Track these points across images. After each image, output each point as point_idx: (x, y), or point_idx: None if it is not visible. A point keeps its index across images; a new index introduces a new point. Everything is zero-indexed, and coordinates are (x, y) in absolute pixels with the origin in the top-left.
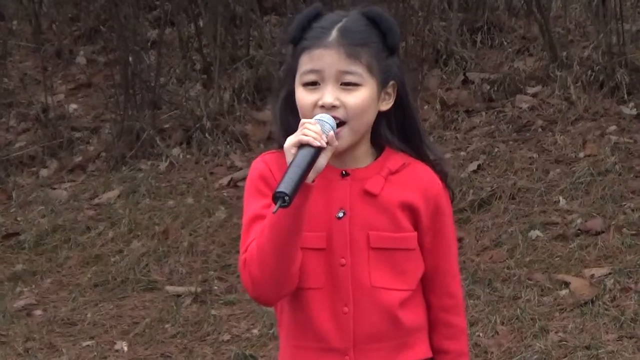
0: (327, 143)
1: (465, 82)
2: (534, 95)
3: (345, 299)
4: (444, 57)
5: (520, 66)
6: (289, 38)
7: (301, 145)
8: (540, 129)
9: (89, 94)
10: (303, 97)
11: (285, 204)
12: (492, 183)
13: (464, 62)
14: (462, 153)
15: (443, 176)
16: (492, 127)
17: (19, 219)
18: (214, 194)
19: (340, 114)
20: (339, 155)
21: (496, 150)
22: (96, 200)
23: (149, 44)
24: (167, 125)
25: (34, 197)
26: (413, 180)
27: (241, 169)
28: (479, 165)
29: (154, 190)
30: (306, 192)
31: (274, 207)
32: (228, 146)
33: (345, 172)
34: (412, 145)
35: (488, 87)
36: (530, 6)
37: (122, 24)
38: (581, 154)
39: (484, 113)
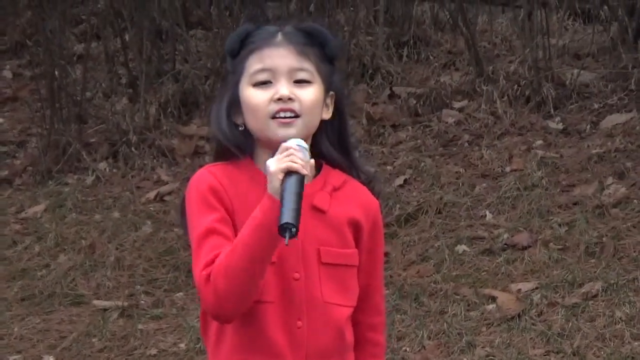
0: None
1: (392, 96)
2: (460, 110)
3: (299, 314)
4: (370, 71)
5: (447, 80)
6: (228, 50)
7: (289, 172)
8: (466, 144)
9: (15, 107)
10: (255, 95)
11: (294, 235)
12: (418, 197)
13: (390, 77)
14: (389, 167)
15: (377, 194)
16: (419, 141)
17: None
18: (140, 208)
19: (295, 106)
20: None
21: (422, 164)
22: (22, 215)
23: (75, 58)
24: (93, 140)
25: None
26: (354, 197)
27: (167, 183)
28: (405, 180)
29: (80, 204)
30: None
31: (285, 240)
32: (154, 160)
33: None
34: (347, 160)
35: (414, 102)
36: (456, 20)
37: (48, 38)
38: (507, 169)
39: (410, 127)
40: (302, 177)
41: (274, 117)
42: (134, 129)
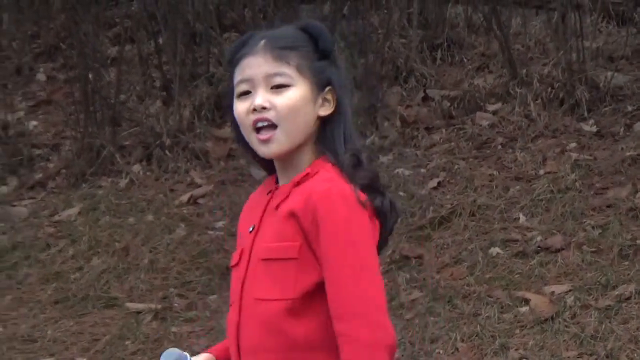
0: None
1: (425, 99)
2: (494, 113)
3: (239, 311)
4: (404, 74)
5: (480, 83)
6: (227, 63)
7: None
8: (500, 146)
9: (49, 111)
10: (237, 108)
11: None
12: (452, 200)
13: (424, 79)
14: (422, 170)
15: (348, 175)
16: (452, 144)
17: None
18: (174, 211)
19: (271, 115)
20: (282, 167)
21: (456, 167)
22: (56, 218)
23: (108, 61)
24: (127, 142)
25: None
26: (307, 189)
27: (201, 185)
28: (439, 182)
29: (114, 207)
30: None
31: None
32: (188, 163)
33: (272, 190)
34: (338, 152)
35: (448, 104)
36: (490, 23)
37: (82, 41)
38: (541, 171)
39: (444, 130)
40: None
41: (256, 131)
42: (168, 132)
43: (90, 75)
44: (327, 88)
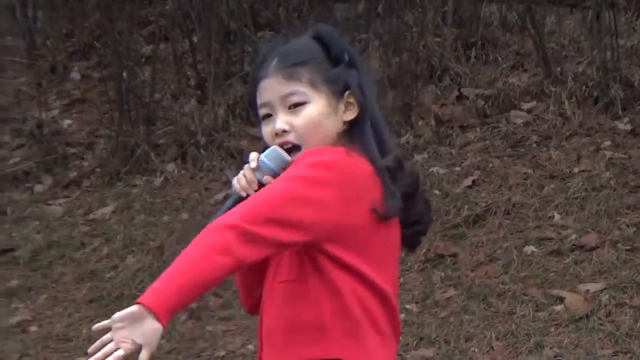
0: (263, 185)
1: (460, 97)
2: (529, 111)
3: (265, 297)
4: (438, 72)
5: (515, 82)
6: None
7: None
8: (534, 145)
9: (84, 109)
10: (263, 130)
11: None
12: (486, 198)
13: (459, 78)
14: (457, 168)
15: (391, 171)
16: (487, 142)
17: (13, 234)
18: (209, 210)
19: (292, 137)
20: None
21: (491, 165)
22: (91, 216)
23: (143, 60)
24: (161, 141)
25: (28, 213)
26: None
27: None
28: (473, 181)
29: (148, 205)
30: None
31: None
32: (223, 162)
33: None
34: (368, 145)
35: (482, 103)
36: (525, 22)
37: (117, 40)
38: (576, 170)
39: (478, 129)
40: (238, 197)
41: (285, 151)
42: (203, 131)
43: (124, 74)
44: (347, 92)
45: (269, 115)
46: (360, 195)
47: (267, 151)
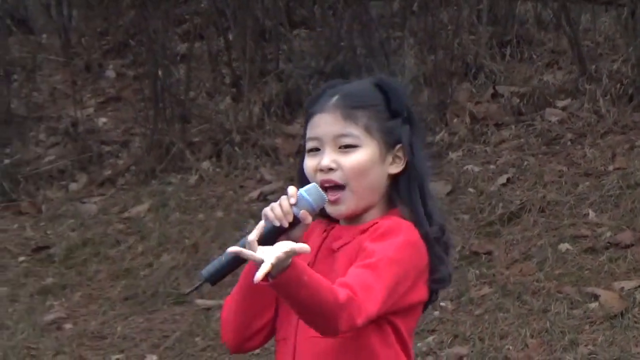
0: (298, 220)
1: (495, 95)
2: (563, 109)
3: (293, 350)
4: (474, 70)
5: (550, 79)
6: (307, 108)
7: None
8: (569, 142)
9: (119, 107)
10: (306, 164)
11: (196, 288)
12: (521, 196)
13: (494, 76)
14: (492, 166)
15: (448, 245)
16: (522, 140)
17: (48, 232)
18: (243, 208)
19: (337, 176)
20: (348, 218)
21: (525, 163)
22: (126, 214)
23: (178, 58)
24: (196, 139)
25: (63, 211)
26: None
27: (270, 182)
28: (508, 179)
29: (183, 203)
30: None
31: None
32: (258, 160)
33: (327, 230)
34: (414, 213)
35: (517, 101)
36: (560, 20)
37: (152, 38)
38: (610, 167)
39: (513, 126)
40: (272, 227)
41: (324, 190)
42: (238, 129)
43: (159, 72)
44: (398, 146)
45: (316, 149)
46: (425, 270)
47: (307, 187)
